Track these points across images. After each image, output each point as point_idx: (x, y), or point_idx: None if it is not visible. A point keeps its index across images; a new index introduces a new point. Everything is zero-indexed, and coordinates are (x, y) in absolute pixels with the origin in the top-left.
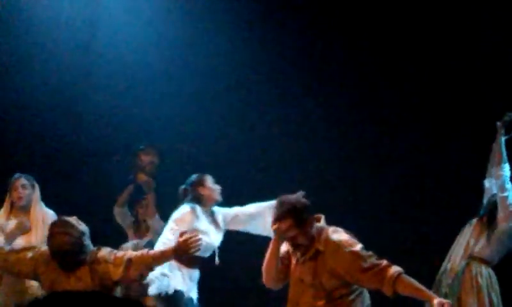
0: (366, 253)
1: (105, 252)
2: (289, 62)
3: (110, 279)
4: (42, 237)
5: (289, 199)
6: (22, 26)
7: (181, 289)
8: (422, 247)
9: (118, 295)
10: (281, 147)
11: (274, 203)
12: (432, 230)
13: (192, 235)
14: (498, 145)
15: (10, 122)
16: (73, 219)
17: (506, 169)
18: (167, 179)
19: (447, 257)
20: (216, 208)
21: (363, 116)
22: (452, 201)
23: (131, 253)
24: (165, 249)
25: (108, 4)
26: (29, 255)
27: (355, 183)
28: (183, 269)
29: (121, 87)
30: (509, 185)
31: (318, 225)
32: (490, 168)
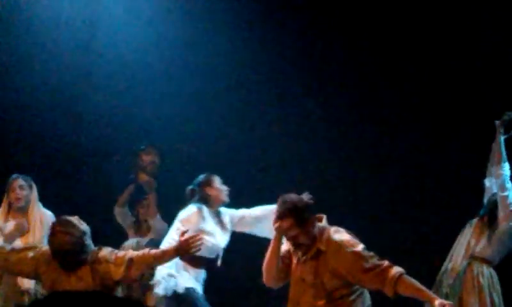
0: (368, 254)
1: (106, 252)
2: (289, 62)
3: (111, 279)
4: (40, 238)
5: (291, 198)
6: (22, 26)
7: (192, 286)
8: (422, 247)
9: (119, 295)
10: (281, 147)
11: None
12: (432, 230)
13: (193, 235)
14: (497, 144)
15: (10, 122)
16: (74, 219)
17: (506, 168)
18: (167, 179)
19: (448, 257)
20: (223, 209)
21: (363, 116)
22: (452, 201)
23: (132, 253)
24: (166, 249)
25: (108, 4)
26: (30, 255)
27: (355, 183)
28: (189, 270)
29: (121, 87)
30: (509, 185)
31: (320, 225)
32: (490, 167)
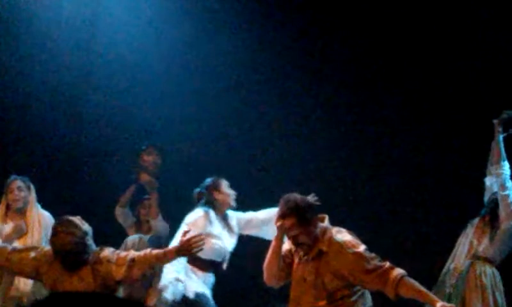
0: (369, 255)
1: (108, 252)
2: (289, 62)
3: (112, 279)
4: (39, 239)
5: (294, 197)
6: (22, 26)
7: (202, 290)
8: (422, 247)
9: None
10: (281, 147)
11: None
12: (432, 230)
13: (195, 235)
14: (496, 143)
15: (10, 122)
16: (76, 219)
17: (506, 167)
18: (167, 179)
19: (450, 257)
20: (230, 212)
21: (363, 116)
22: (452, 201)
23: (134, 253)
24: (168, 249)
25: (108, 4)
26: (32, 255)
27: (355, 183)
28: (198, 273)
29: (121, 87)
30: (510, 184)
31: (322, 225)
32: (490, 166)
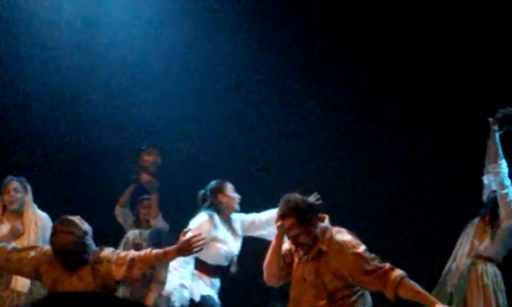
0: (369, 255)
1: (107, 252)
2: (289, 62)
3: (112, 279)
4: (35, 240)
5: (294, 197)
6: (22, 26)
7: (208, 293)
8: (422, 247)
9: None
10: (281, 147)
11: None
12: (432, 230)
13: (195, 234)
14: (493, 142)
15: (10, 122)
16: (76, 219)
17: (504, 166)
18: (167, 179)
19: (451, 257)
20: (233, 214)
21: (363, 116)
22: (452, 201)
23: (134, 253)
24: (168, 249)
25: (108, 5)
26: (31, 254)
27: (355, 183)
28: (204, 278)
29: (121, 87)
30: (508, 182)
31: (322, 225)
32: (488, 165)
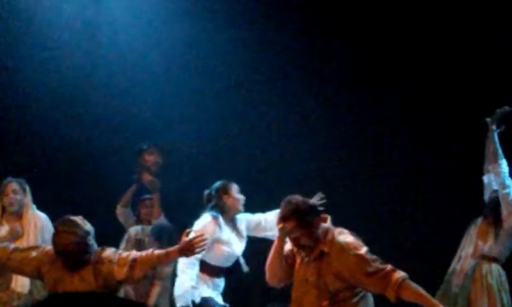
0: (371, 257)
1: (109, 252)
2: (289, 62)
3: (114, 279)
4: (35, 242)
5: (295, 200)
6: (22, 26)
7: (209, 295)
8: (422, 247)
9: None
10: (281, 147)
11: None
12: (432, 230)
13: (197, 235)
14: (492, 142)
15: (10, 122)
16: (78, 219)
17: (504, 165)
18: (167, 179)
19: (456, 258)
20: (238, 215)
21: (363, 116)
22: (452, 201)
23: (135, 253)
24: (170, 249)
25: (108, 5)
26: (33, 254)
27: (355, 183)
28: (206, 279)
29: (121, 87)
30: (509, 181)
31: (324, 226)
32: (487, 165)
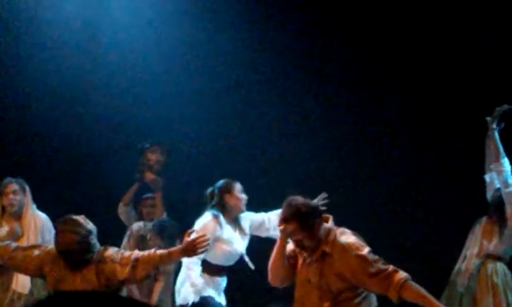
0: (373, 257)
1: (112, 251)
2: (289, 62)
3: (116, 279)
4: (34, 242)
5: (296, 201)
6: (22, 26)
7: (209, 294)
8: (422, 247)
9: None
10: (281, 147)
11: None
12: (432, 230)
13: (200, 235)
14: (492, 141)
15: (10, 122)
16: (80, 218)
17: (506, 164)
18: (167, 179)
19: (461, 257)
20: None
21: (363, 116)
22: (452, 201)
23: (138, 253)
24: (173, 249)
25: (108, 4)
26: (36, 253)
27: (355, 183)
28: (206, 277)
29: (121, 87)
30: None
31: (326, 226)
32: (489, 164)
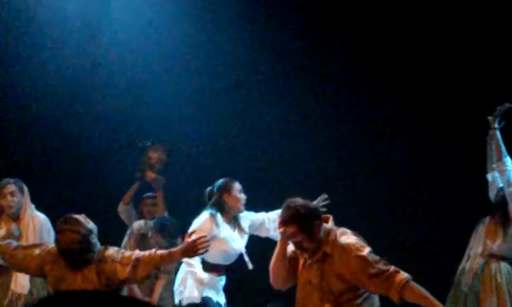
0: (374, 258)
1: (112, 251)
2: (289, 62)
3: (117, 278)
4: (33, 242)
5: (295, 204)
6: (22, 26)
7: (207, 295)
8: (422, 247)
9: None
10: (281, 147)
11: None
12: (432, 230)
13: (200, 236)
14: (494, 140)
15: (10, 122)
16: (81, 217)
17: (509, 163)
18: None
19: (465, 257)
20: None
21: (363, 116)
22: (452, 201)
23: (139, 253)
24: (173, 250)
25: (108, 5)
26: (36, 252)
27: (355, 183)
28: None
29: (121, 87)
30: None
31: (326, 226)
32: (491, 163)
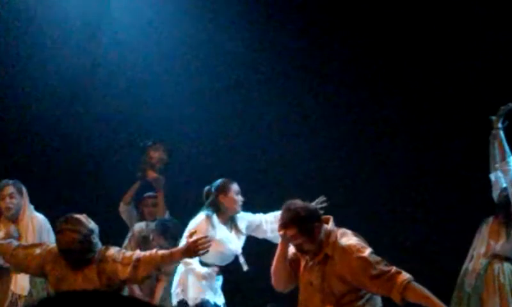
0: (375, 259)
1: (113, 251)
2: (289, 62)
3: (118, 278)
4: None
5: (295, 206)
6: (22, 26)
7: (205, 298)
8: (422, 247)
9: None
10: (281, 147)
11: None
12: (432, 230)
13: (201, 237)
14: (498, 140)
15: (10, 122)
16: (82, 217)
17: None
18: (167, 179)
19: (468, 257)
20: (240, 213)
21: (363, 116)
22: (452, 201)
23: (139, 253)
24: (174, 250)
25: (108, 5)
26: (37, 251)
27: (355, 183)
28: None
29: (121, 87)
30: None
31: (326, 227)
32: (494, 163)
